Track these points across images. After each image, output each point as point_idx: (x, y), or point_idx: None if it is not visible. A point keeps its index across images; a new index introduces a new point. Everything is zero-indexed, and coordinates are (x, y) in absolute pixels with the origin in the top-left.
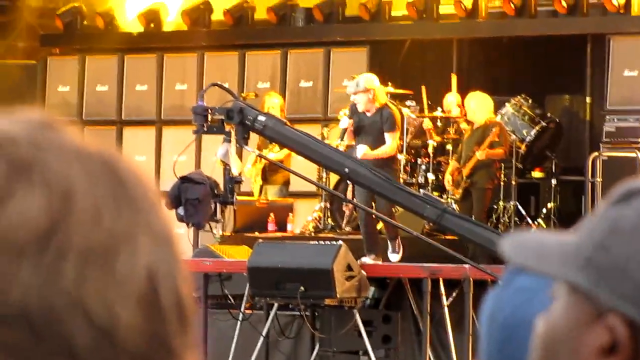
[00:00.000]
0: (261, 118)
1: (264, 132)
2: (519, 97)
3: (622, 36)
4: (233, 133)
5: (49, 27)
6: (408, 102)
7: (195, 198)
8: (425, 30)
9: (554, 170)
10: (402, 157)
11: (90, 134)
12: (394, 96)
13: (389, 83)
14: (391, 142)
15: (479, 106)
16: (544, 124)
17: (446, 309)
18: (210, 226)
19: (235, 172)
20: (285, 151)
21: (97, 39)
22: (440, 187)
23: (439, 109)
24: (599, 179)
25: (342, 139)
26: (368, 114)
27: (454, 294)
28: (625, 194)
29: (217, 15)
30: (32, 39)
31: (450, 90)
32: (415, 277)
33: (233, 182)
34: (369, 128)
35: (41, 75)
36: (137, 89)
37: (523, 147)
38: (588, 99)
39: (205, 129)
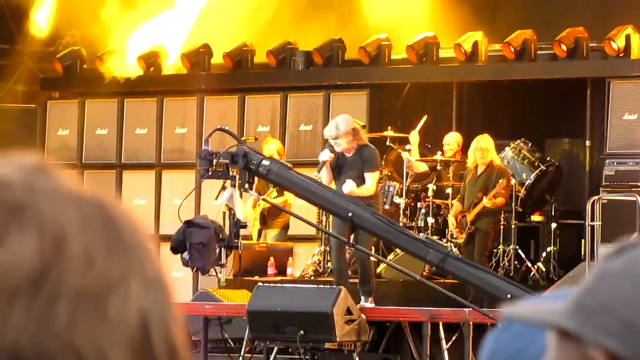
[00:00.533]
0: (265, 162)
1: (268, 176)
2: (518, 140)
3: (622, 80)
4: (237, 177)
5: (48, 70)
6: (408, 146)
7: (199, 242)
8: (425, 74)
9: (553, 214)
10: (401, 201)
11: (90, 177)
12: (393, 140)
13: (389, 127)
14: (372, 182)
15: (492, 148)
16: (543, 167)
17: (446, 353)
18: (215, 270)
19: (240, 216)
20: (284, 196)
21: (97, 82)
22: (440, 231)
23: (439, 152)
24: (598, 223)
25: (319, 172)
26: (347, 155)
27: (454, 338)
28: (618, 250)
29: (217, 59)
30: (32, 82)
31: (450, 131)
32: (415, 321)
33: (238, 226)
34: (348, 168)
35: (41, 118)
36: (137, 132)
37: (523, 190)
38: (588, 143)
39: (210, 173)
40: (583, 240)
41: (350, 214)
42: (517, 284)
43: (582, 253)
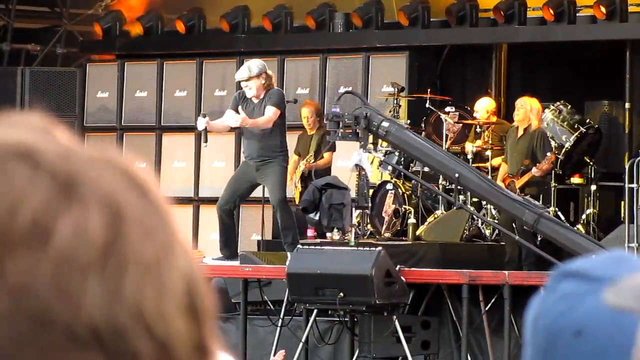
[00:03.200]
0: (384, 124)
1: (387, 137)
2: (558, 102)
3: None
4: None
5: (88, 33)
6: (447, 108)
7: (340, 203)
8: (465, 36)
9: (592, 176)
10: None
11: (130, 140)
12: (432, 102)
13: (428, 89)
14: (269, 115)
15: (535, 111)
16: (583, 129)
17: (485, 315)
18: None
19: (370, 176)
20: (322, 161)
21: (136, 44)
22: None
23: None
24: (637, 185)
25: (205, 141)
26: (255, 100)
27: (493, 300)
28: None
29: (257, 21)
30: (72, 45)
31: (488, 95)
32: (454, 283)
33: (368, 187)
34: (253, 114)
35: (80, 81)
36: (176, 95)
37: (562, 152)
38: (627, 105)
39: (339, 135)
40: (622, 203)
41: (457, 175)
42: (601, 244)
43: (622, 215)
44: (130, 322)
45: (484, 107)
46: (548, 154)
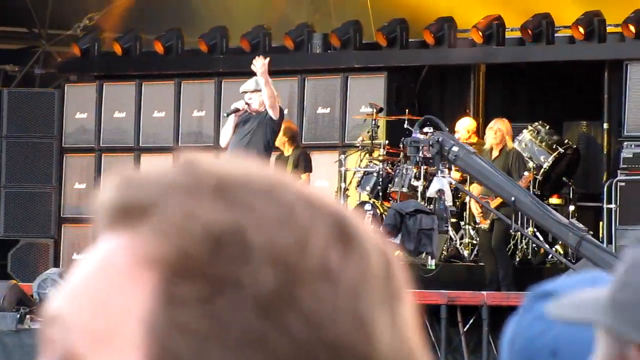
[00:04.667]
0: (455, 149)
1: (456, 162)
2: (536, 123)
3: None
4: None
5: (66, 54)
6: (425, 129)
7: (430, 228)
8: (443, 57)
9: (571, 197)
10: (419, 184)
11: (108, 161)
12: (411, 122)
13: (407, 110)
14: (276, 103)
15: (509, 132)
16: (561, 150)
17: (463, 336)
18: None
19: (449, 202)
20: (303, 179)
21: (115, 65)
22: (458, 214)
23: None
24: (616, 205)
25: (227, 115)
26: (253, 114)
27: (471, 321)
28: None
29: (234, 41)
30: (50, 66)
31: (467, 115)
32: (433, 303)
33: (449, 211)
34: (251, 127)
35: (59, 102)
36: (155, 115)
37: (541, 173)
38: (605, 125)
39: (418, 160)
40: (601, 223)
41: (513, 199)
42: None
43: (600, 236)
44: (406, 356)
45: (465, 127)
46: (525, 173)
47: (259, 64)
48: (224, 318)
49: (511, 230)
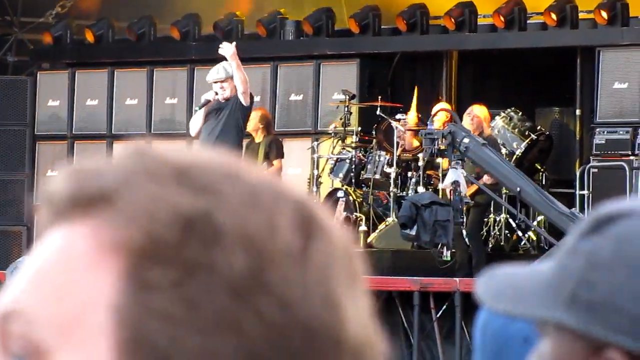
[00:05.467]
0: (465, 140)
1: (466, 153)
2: (509, 110)
3: (612, 48)
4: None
5: (38, 42)
6: (398, 116)
7: (446, 219)
8: (415, 43)
9: (544, 183)
10: (392, 171)
11: (81, 148)
12: (384, 109)
13: (379, 96)
14: (247, 88)
15: (487, 119)
16: (534, 136)
17: (436, 323)
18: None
19: (464, 192)
20: (273, 169)
21: (87, 53)
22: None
23: (429, 122)
24: (588, 191)
25: (200, 108)
26: (224, 102)
27: (444, 307)
28: (595, 223)
29: (207, 28)
30: (22, 53)
31: (439, 101)
32: (406, 290)
33: (464, 202)
34: (224, 115)
35: (31, 90)
36: (127, 103)
37: (513, 160)
38: (578, 112)
39: (433, 152)
40: (574, 209)
41: (518, 189)
42: None
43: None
44: (370, 340)
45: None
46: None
47: (228, 47)
48: (197, 301)
49: (516, 221)
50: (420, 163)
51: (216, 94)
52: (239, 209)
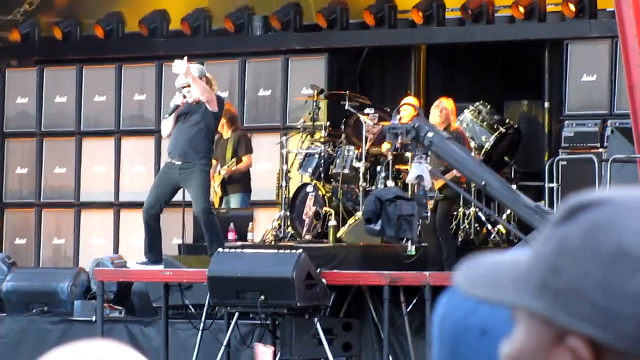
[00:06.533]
0: (429, 134)
1: (430, 147)
2: (477, 103)
3: (580, 41)
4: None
5: (6, 39)
6: (367, 110)
7: (410, 214)
8: (383, 37)
9: (513, 176)
10: (361, 165)
11: (50, 145)
12: (352, 104)
13: (348, 91)
14: (212, 96)
15: (454, 112)
16: (502, 129)
17: (406, 317)
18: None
19: (428, 186)
20: (242, 164)
21: (55, 50)
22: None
23: (397, 116)
24: (557, 184)
25: (169, 115)
26: (194, 105)
27: (414, 301)
28: (569, 211)
29: (175, 24)
30: None
31: (408, 95)
32: (376, 285)
33: (428, 197)
34: (194, 118)
35: (0, 87)
36: (96, 99)
37: (482, 153)
38: (547, 104)
39: (397, 146)
40: (542, 202)
41: (484, 183)
42: None
43: None
44: None
45: (412, 103)
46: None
47: (180, 64)
48: None
49: (484, 214)
50: (390, 158)
51: (184, 97)
52: None
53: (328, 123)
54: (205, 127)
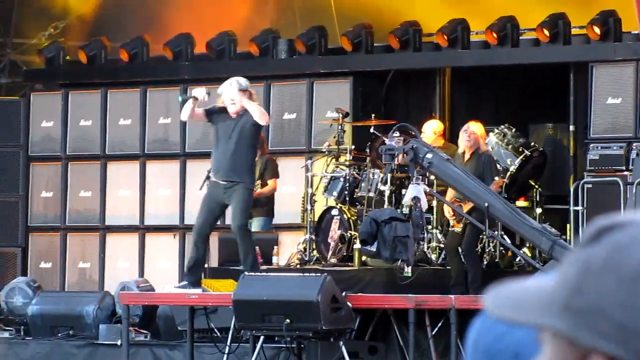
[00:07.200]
0: (429, 156)
1: (430, 168)
2: (502, 126)
3: (605, 64)
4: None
5: (31, 62)
6: (395, 134)
7: (405, 235)
8: (408, 61)
9: (538, 199)
10: (386, 188)
11: (75, 169)
12: (377, 127)
13: (373, 114)
14: (266, 115)
15: (483, 136)
16: (527, 153)
17: (432, 340)
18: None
19: (424, 208)
20: (267, 188)
21: (80, 74)
22: (425, 218)
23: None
24: (582, 207)
25: (184, 100)
26: (234, 117)
27: (440, 324)
28: (594, 234)
29: (200, 48)
30: (15, 74)
31: (433, 119)
32: (401, 308)
33: (424, 218)
34: (236, 131)
35: (24, 111)
36: (121, 123)
37: (507, 176)
38: (572, 127)
39: (394, 168)
40: (568, 225)
41: (486, 204)
42: None
43: (568, 238)
44: None
45: (432, 128)
46: (496, 178)
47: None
48: None
49: (483, 235)
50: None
51: (208, 94)
52: None
53: (353, 146)
54: (248, 142)
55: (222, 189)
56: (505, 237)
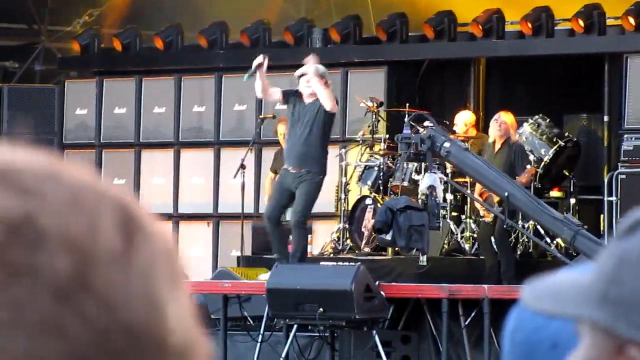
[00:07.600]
0: (446, 145)
1: (448, 157)
2: (536, 116)
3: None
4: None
5: (66, 50)
6: (426, 123)
7: (421, 224)
8: (443, 50)
9: (572, 190)
10: (420, 178)
11: (109, 157)
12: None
13: (407, 104)
14: (333, 101)
15: (514, 126)
16: (562, 143)
17: (464, 330)
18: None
19: (440, 197)
20: None
21: (114, 61)
22: (459, 207)
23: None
24: (616, 198)
25: (249, 77)
26: (308, 101)
27: (473, 314)
28: (631, 225)
29: (234, 36)
30: (50, 62)
31: (467, 109)
32: (434, 297)
33: (439, 207)
34: (307, 116)
35: (59, 98)
36: (155, 111)
37: (541, 166)
38: (606, 118)
39: (410, 156)
40: (602, 216)
41: (506, 194)
42: None
43: (601, 229)
44: (194, 341)
45: (464, 120)
46: (527, 166)
47: (309, 69)
48: (21, 305)
49: (505, 226)
50: (448, 170)
51: (265, 57)
52: (61, 211)
53: (387, 136)
54: (320, 131)
55: (291, 177)
56: (539, 228)
